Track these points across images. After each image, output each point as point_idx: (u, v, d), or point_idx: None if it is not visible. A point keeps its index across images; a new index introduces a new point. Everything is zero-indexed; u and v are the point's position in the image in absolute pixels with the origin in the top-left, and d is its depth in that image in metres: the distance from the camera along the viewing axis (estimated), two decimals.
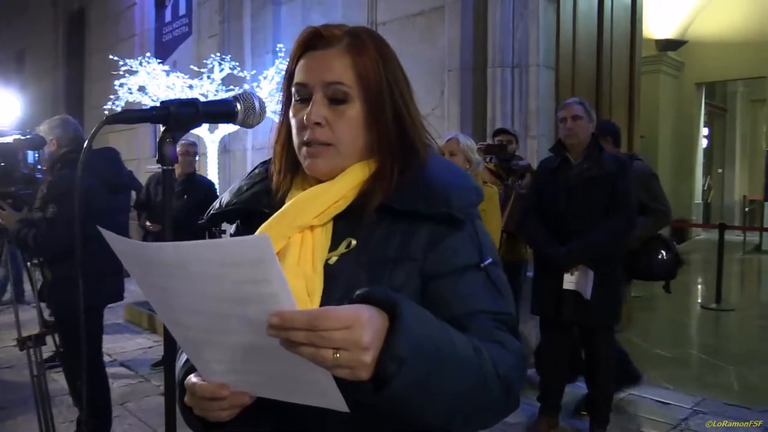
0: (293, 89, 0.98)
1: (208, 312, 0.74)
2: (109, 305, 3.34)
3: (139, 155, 9.36)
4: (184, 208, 4.04)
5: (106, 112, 5.96)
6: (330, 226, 0.96)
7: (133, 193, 4.24)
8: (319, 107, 0.94)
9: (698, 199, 13.09)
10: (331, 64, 0.94)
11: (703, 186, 13.65)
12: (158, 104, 0.84)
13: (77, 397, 3.24)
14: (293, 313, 0.68)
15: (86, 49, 11.60)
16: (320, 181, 0.98)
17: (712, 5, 11.71)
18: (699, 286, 8.40)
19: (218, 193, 5.01)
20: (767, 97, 12.04)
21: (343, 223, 0.96)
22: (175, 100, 0.83)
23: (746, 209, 13.37)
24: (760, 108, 14.93)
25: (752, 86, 14.29)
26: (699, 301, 7.36)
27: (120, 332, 5.62)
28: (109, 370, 3.82)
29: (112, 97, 6.02)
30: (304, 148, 0.96)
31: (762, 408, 3.68)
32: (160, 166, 0.85)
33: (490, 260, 0.96)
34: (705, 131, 13.73)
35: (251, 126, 0.94)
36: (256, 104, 0.93)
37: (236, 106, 0.91)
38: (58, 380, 3.94)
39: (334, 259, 0.94)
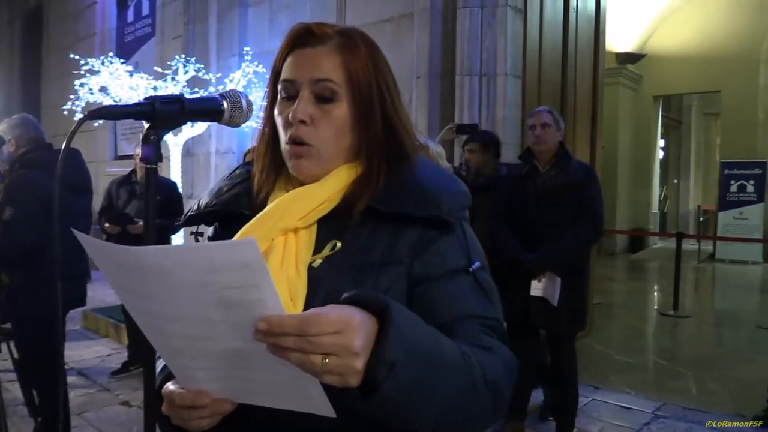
0: (280, 86, 0.95)
1: (191, 318, 0.71)
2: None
3: (98, 158, 9.14)
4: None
5: (65, 113, 5.79)
6: (314, 228, 0.93)
7: None
8: (305, 104, 0.91)
9: (655, 208, 13.45)
10: (321, 62, 0.92)
11: (660, 196, 14.02)
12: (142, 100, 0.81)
13: (33, 408, 3.12)
14: (281, 318, 0.65)
15: (43, 47, 11.29)
16: (304, 183, 0.95)
17: (670, 21, 12.09)
18: (656, 294, 8.61)
19: (182, 194, 4.95)
20: (721, 110, 12.44)
21: (328, 226, 0.93)
22: (160, 96, 0.80)
23: (700, 219, 13.79)
24: (713, 121, 15.45)
25: (706, 100, 14.79)
26: (656, 308, 7.53)
27: (77, 339, 5.44)
28: (67, 378, 3.70)
29: (72, 97, 5.86)
30: (289, 147, 0.94)
31: (719, 412, 3.78)
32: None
33: (478, 264, 0.95)
34: (661, 143, 14.13)
35: (237, 125, 0.92)
36: (243, 103, 0.90)
37: (223, 104, 0.88)
38: (11, 390, 3.79)
39: (318, 261, 0.91)
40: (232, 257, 0.64)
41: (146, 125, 0.81)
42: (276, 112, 0.96)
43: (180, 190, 5.28)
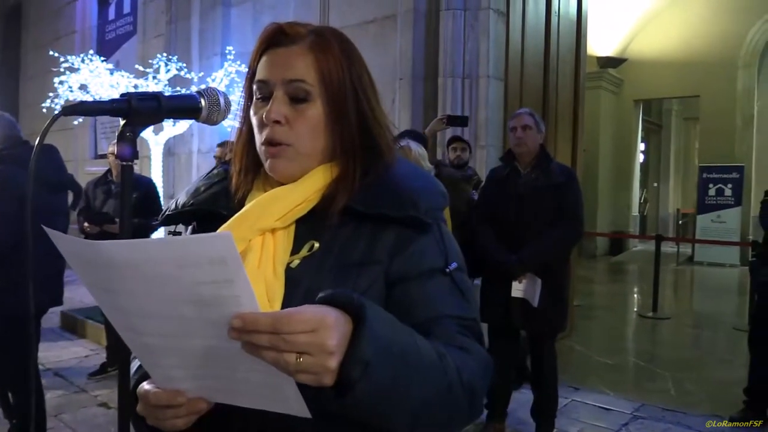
0: (254, 86, 0.95)
1: (165, 315, 0.70)
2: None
3: (78, 156, 9.04)
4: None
5: (44, 111, 5.72)
6: (292, 229, 0.93)
7: (70, 195, 4.07)
8: (279, 105, 0.91)
9: (635, 211, 13.59)
10: (293, 62, 0.92)
11: (640, 199, 14.18)
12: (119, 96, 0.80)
13: (8, 409, 3.06)
14: (255, 315, 0.65)
15: (23, 44, 11.14)
16: (282, 183, 0.95)
17: (651, 26, 12.23)
18: (636, 296, 8.70)
19: (160, 192, 4.90)
20: (700, 115, 12.61)
21: (306, 227, 0.93)
22: (137, 92, 0.79)
23: (680, 222, 13.97)
24: (693, 125, 15.65)
25: (686, 104, 15.01)
26: (636, 309, 7.61)
27: (54, 340, 5.37)
28: (43, 380, 3.64)
29: (51, 95, 5.78)
30: (264, 148, 0.93)
31: (697, 413, 3.82)
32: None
33: (455, 265, 0.95)
34: (642, 146, 14.29)
35: (215, 123, 0.91)
36: (221, 100, 0.89)
37: (200, 101, 0.88)
38: None
39: (296, 262, 0.91)
40: (205, 251, 0.63)
41: (122, 122, 0.80)
42: (251, 112, 0.96)
43: (161, 189, 5.24)
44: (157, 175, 6.14)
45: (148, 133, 5.98)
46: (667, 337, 6.23)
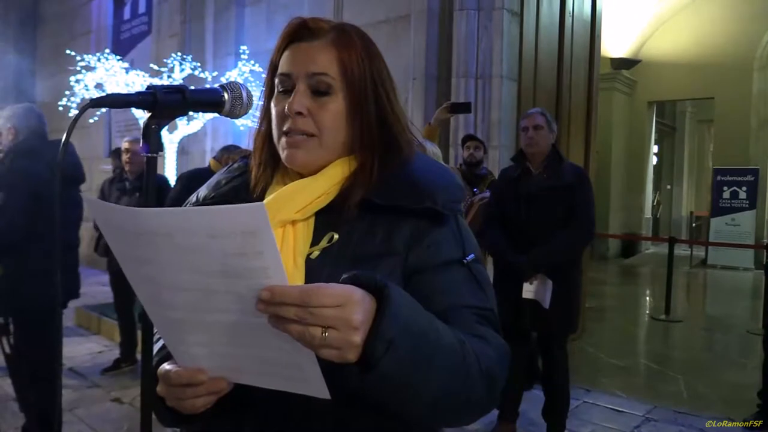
0: (276, 80, 0.97)
1: (194, 287, 0.71)
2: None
3: (92, 154, 9.10)
4: (137, 206, 3.97)
5: (61, 109, 5.78)
6: (312, 221, 0.95)
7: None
8: (301, 97, 0.93)
9: (648, 213, 13.50)
10: (316, 56, 0.94)
11: (653, 201, 14.08)
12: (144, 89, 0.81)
13: (24, 403, 3.10)
14: (285, 288, 0.66)
15: (38, 43, 11.25)
16: (302, 176, 0.96)
17: (665, 28, 12.16)
18: (648, 298, 8.65)
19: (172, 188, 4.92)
20: (714, 117, 12.51)
21: (325, 219, 0.94)
22: (162, 85, 0.81)
23: (693, 225, 13.86)
24: (706, 128, 15.52)
25: (700, 107, 14.87)
26: (648, 312, 7.57)
27: (69, 336, 5.41)
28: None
29: (67, 93, 5.84)
30: (284, 139, 0.95)
31: (709, 415, 3.80)
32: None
33: (472, 256, 0.96)
34: (655, 148, 14.19)
35: (237, 117, 0.92)
36: (244, 95, 0.91)
37: (224, 95, 0.89)
38: (2, 386, 3.78)
39: (315, 254, 0.93)
40: (239, 222, 0.64)
41: (147, 115, 0.81)
42: (272, 105, 0.98)
43: (172, 185, 5.27)
44: (170, 173, 6.18)
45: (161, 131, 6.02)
46: (680, 340, 6.19)
